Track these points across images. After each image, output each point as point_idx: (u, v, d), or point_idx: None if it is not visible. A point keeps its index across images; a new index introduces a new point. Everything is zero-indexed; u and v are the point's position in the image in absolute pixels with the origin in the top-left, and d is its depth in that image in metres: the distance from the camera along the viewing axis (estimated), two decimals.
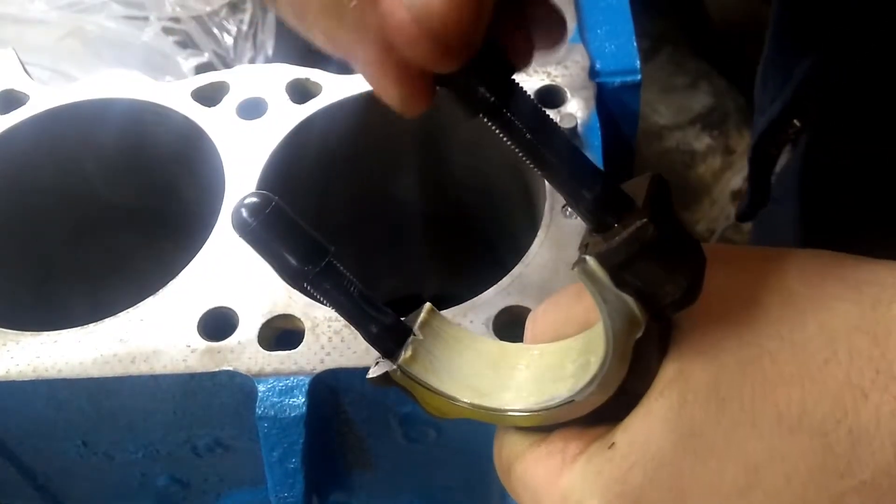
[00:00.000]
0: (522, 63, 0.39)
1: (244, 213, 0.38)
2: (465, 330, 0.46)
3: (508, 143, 0.37)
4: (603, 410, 0.39)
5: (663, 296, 0.36)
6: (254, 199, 0.39)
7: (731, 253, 0.40)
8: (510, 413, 0.42)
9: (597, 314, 0.38)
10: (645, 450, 0.37)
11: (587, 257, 0.35)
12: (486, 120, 0.36)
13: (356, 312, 0.42)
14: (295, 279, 0.40)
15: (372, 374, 0.44)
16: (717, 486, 0.36)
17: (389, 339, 0.43)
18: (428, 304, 0.45)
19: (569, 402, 0.40)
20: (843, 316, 0.36)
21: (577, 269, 0.36)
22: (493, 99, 0.35)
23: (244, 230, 0.39)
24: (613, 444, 0.38)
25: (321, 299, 0.41)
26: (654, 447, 0.37)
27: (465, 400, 0.43)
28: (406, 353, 0.42)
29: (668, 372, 0.38)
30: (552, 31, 0.40)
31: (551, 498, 0.40)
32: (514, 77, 0.36)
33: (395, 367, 0.42)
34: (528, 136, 0.36)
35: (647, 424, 0.38)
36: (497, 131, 0.37)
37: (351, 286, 0.41)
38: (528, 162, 0.37)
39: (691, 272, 0.36)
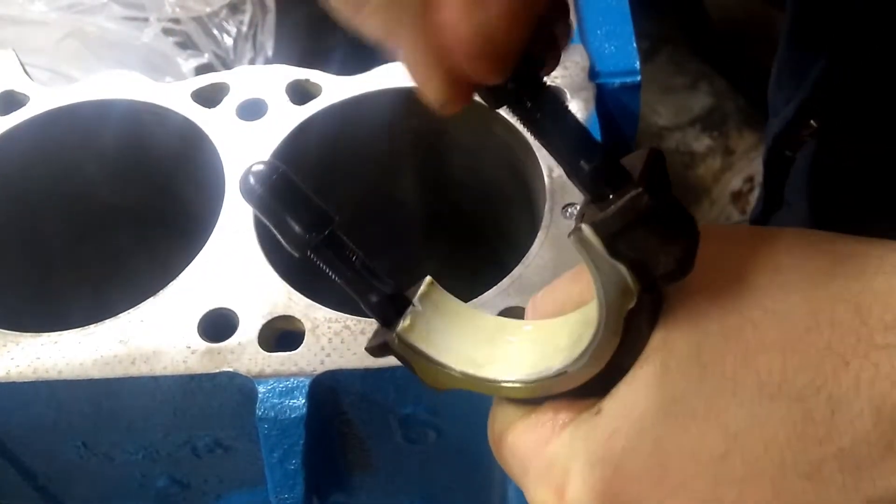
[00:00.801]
0: (552, 65, 0.41)
1: (251, 179, 0.39)
2: (463, 304, 0.46)
3: (511, 111, 0.37)
4: (595, 383, 0.40)
5: (656, 266, 0.36)
6: (260, 167, 0.40)
7: (720, 229, 0.41)
8: (504, 384, 0.43)
9: (592, 294, 0.38)
10: (628, 416, 0.38)
11: (583, 225, 0.36)
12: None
13: (358, 281, 0.42)
14: (299, 246, 0.40)
15: (370, 343, 0.44)
16: (696, 452, 0.37)
17: (389, 308, 0.43)
18: (428, 277, 0.45)
19: (562, 374, 0.40)
20: (827, 287, 0.36)
21: (573, 236, 0.36)
22: (512, 86, 0.36)
23: (251, 196, 0.39)
24: (600, 410, 0.39)
25: (324, 268, 0.41)
26: (636, 413, 0.38)
27: (461, 370, 0.43)
28: (405, 323, 0.43)
29: (654, 341, 0.38)
30: (564, 37, 0.42)
31: (538, 464, 0.41)
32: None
33: (393, 335, 0.43)
34: (530, 105, 0.37)
35: (631, 391, 0.38)
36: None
37: (353, 255, 0.42)
38: (528, 131, 0.38)
39: (685, 244, 0.36)
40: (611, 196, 0.36)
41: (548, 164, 0.66)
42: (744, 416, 0.36)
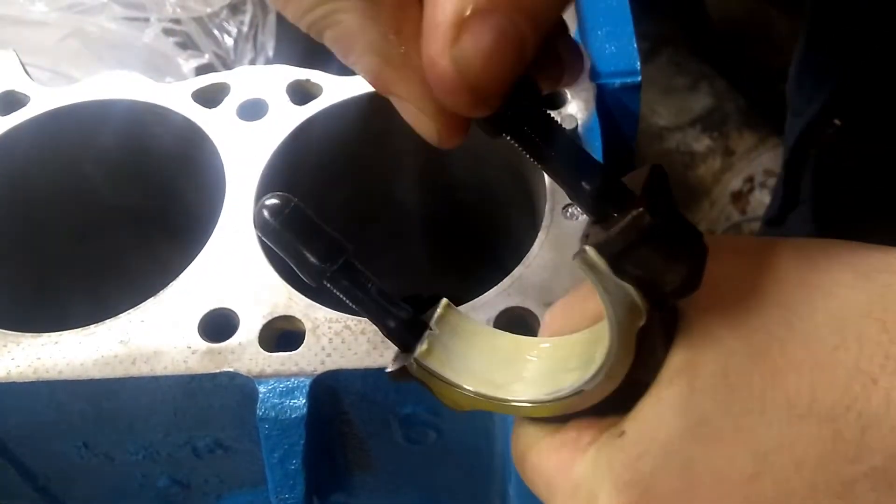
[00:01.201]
0: (554, 82, 0.41)
1: (265, 213, 0.40)
2: (480, 324, 0.47)
3: (509, 139, 0.38)
4: (614, 400, 0.40)
5: (663, 284, 0.36)
6: (274, 200, 0.40)
7: (738, 242, 0.41)
8: (523, 404, 0.43)
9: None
10: (654, 438, 0.38)
11: (587, 247, 0.36)
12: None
13: (374, 308, 0.43)
14: (315, 277, 0.41)
15: (390, 368, 0.45)
16: (725, 474, 0.36)
17: (406, 333, 0.44)
18: (444, 300, 0.46)
19: (578, 393, 0.40)
20: (853, 303, 0.36)
21: (578, 259, 0.36)
22: (510, 113, 0.37)
23: (266, 230, 0.40)
24: (623, 432, 0.39)
25: (341, 296, 0.42)
26: (663, 435, 0.37)
27: (480, 391, 0.43)
28: (422, 347, 0.43)
29: (676, 360, 0.38)
30: (575, 66, 0.42)
31: (564, 487, 0.41)
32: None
33: (411, 360, 0.43)
34: (528, 130, 0.37)
35: (656, 413, 0.38)
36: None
37: (368, 282, 0.42)
38: (527, 156, 0.38)
39: (691, 260, 0.36)
40: (614, 215, 0.36)
41: None
42: (773, 436, 0.36)
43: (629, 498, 0.38)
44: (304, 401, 0.55)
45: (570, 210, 0.63)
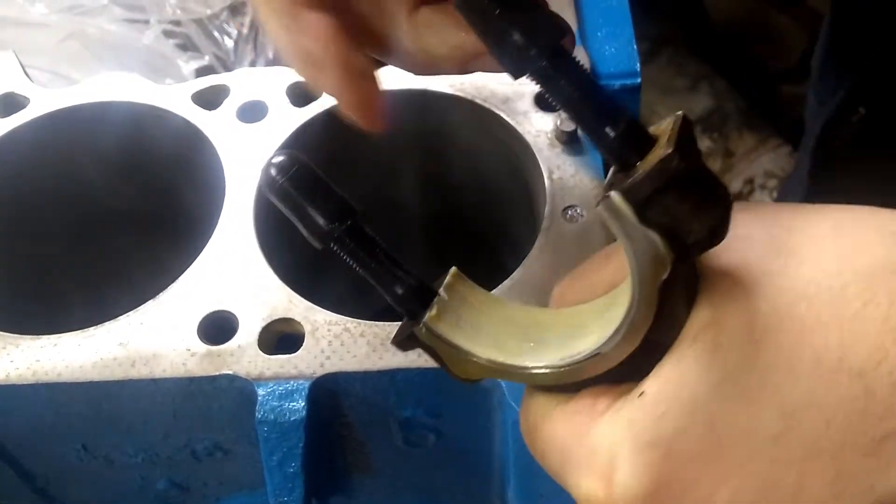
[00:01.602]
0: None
1: (272, 171, 0.39)
2: (490, 294, 0.45)
3: (532, 80, 0.37)
4: (630, 365, 0.38)
5: (689, 234, 0.35)
6: (281, 158, 0.40)
7: (763, 206, 0.40)
8: (536, 370, 0.41)
9: (624, 275, 0.37)
10: (677, 396, 0.36)
11: (612, 192, 0.34)
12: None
13: (382, 272, 0.41)
14: (322, 238, 0.40)
15: (396, 336, 0.43)
16: (752, 433, 0.35)
17: (415, 300, 0.42)
18: (454, 268, 0.44)
19: (595, 355, 0.39)
20: (881, 260, 0.35)
21: (602, 205, 0.35)
22: (533, 52, 0.36)
23: (272, 187, 0.39)
24: (644, 392, 0.37)
25: (348, 260, 0.41)
26: (686, 393, 0.36)
27: (490, 358, 0.42)
28: (431, 313, 0.42)
29: (700, 318, 0.37)
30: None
31: (580, 453, 0.39)
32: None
33: (420, 326, 0.42)
34: (552, 72, 0.36)
35: (678, 371, 0.37)
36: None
37: (377, 247, 0.41)
38: (550, 98, 0.37)
39: (717, 210, 0.35)
40: (639, 163, 0.35)
41: (548, 167, 0.66)
42: (801, 394, 0.35)
43: (650, 458, 0.36)
44: (303, 403, 0.55)
45: (569, 212, 0.63)
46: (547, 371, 0.41)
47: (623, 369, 0.39)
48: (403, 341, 0.43)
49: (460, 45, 0.48)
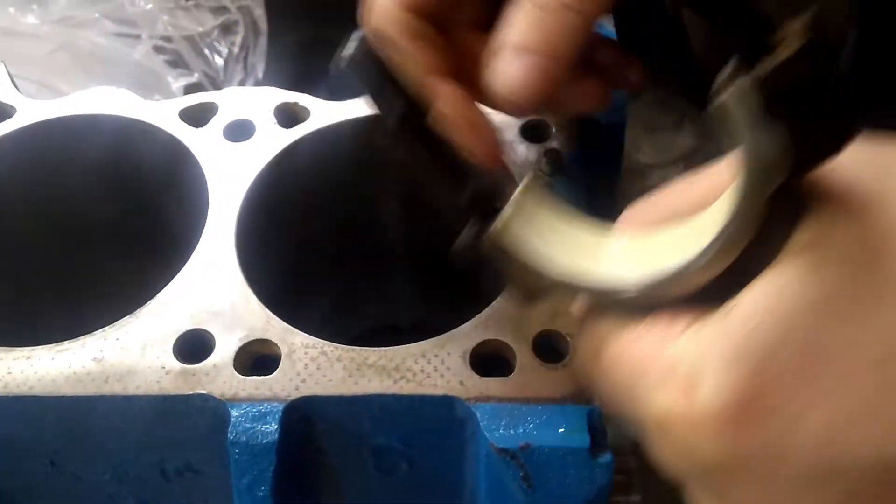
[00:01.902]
0: (597, 106, 0.43)
1: (353, 46, 0.40)
2: (562, 208, 0.42)
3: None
4: (716, 290, 0.35)
5: (811, 140, 0.31)
6: (360, 37, 0.40)
7: (867, 140, 0.38)
8: (610, 291, 0.38)
9: (710, 200, 0.35)
10: (773, 310, 0.34)
11: (743, 78, 0.30)
12: None
13: (453, 171, 0.40)
14: (400, 118, 0.39)
15: (457, 245, 0.41)
16: (855, 354, 0.33)
17: (483, 205, 0.40)
18: (526, 178, 0.42)
19: (680, 273, 0.36)
20: None
21: (728, 93, 0.30)
22: None
23: (360, 54, 0.39)
24: (733, 308, 0.35)
25: (419, 145, 0.40)
26: (784, 308, 0.33)
27: (559, 276, 0.39)
28: (498, 224, 0.39)
29: (804, 235, 0.35)
30: (628, 74, 0.44)
31: (654, 370, 0.36)
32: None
33: (486, 235, 0.39)
34: None
35: (776, 285, 0.34)
36: None
37: (449, 145, 0.40)
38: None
39: (843, 119, 0.32)
40: (765, 57, 0.30)
41: None
42: None
43: (739, 373, 0.33)
44: (276, 426, 0.55)
45: None
46: (622, 291, 0.38)
47: (707, 293, 0.36)
48: (465, 250, 0.40)
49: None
